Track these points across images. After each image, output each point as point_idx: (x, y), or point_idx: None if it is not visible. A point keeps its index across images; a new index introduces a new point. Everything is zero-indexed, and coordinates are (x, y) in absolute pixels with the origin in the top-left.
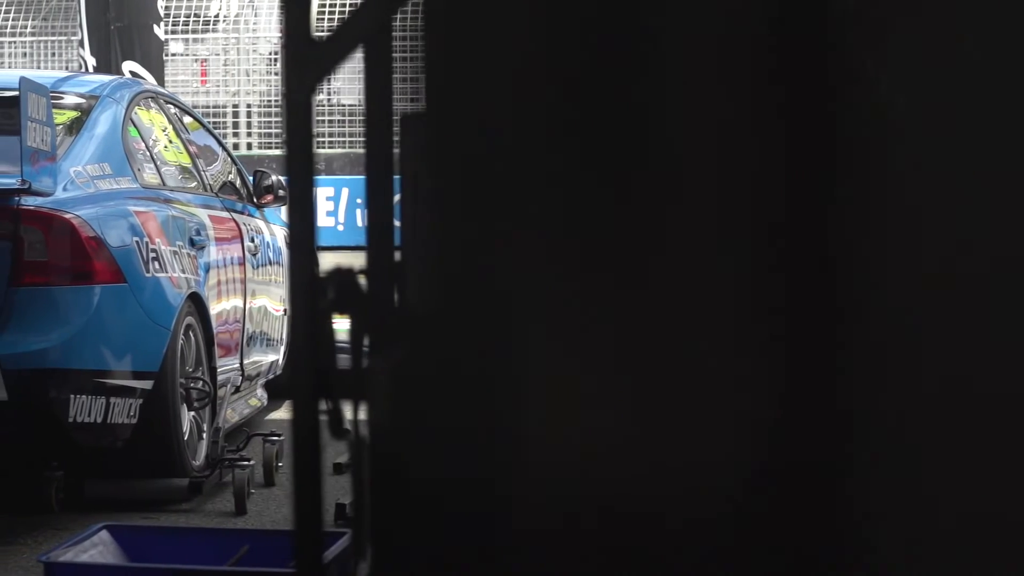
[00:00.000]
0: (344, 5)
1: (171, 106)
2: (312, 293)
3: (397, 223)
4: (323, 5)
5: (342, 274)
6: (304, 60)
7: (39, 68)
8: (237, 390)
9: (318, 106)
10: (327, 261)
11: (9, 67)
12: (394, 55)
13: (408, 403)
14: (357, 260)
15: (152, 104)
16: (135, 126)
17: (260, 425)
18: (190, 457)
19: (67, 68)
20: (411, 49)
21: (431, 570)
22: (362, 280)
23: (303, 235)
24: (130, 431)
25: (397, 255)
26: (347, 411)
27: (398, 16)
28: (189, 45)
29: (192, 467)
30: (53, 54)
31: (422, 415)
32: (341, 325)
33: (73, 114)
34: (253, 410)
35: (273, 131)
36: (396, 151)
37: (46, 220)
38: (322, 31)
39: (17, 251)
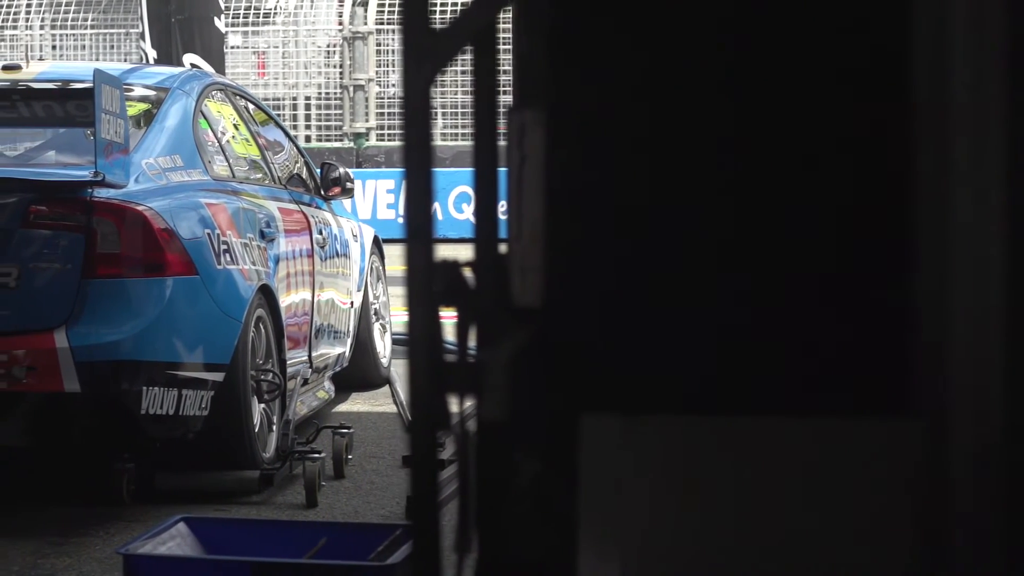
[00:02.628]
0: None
1: (240, 98)
2: (430, 285)
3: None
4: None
5: (448, 267)
6: (422, 51)
7: (98, 60)
8: (305, 382)
9: (378, 98)
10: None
11: (69, 59)
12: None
13: (516, 396)
14: (463, 253)
15: (221, 96)
16: (205, 118)
17: (328, 418)
18: (260, 449)
19: (126, 60)
20: (520, 44)
21: (538, 565)
22: (468, 273)
23: (421, 227)
24: (201, 423)
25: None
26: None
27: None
28: (248, 38)
29: (262, 459)
30: (111, 47)
31: (529, 408)
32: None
33: (144, 106)
34: (321, 402)
35: (333, 123)
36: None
37: (119, 212)
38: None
39: (90, 243)
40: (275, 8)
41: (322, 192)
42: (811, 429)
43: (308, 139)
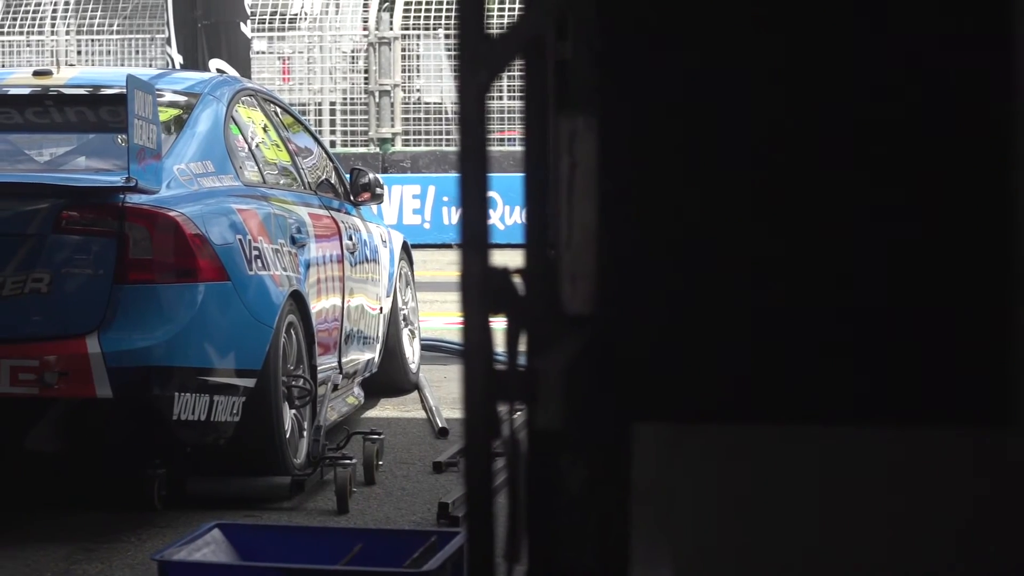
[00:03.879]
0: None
1: (270, 103)
2: (486, 293)
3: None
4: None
5: (496, 274)
6: (478, 57)
7: (123, 66)
8: (336, 388)
9: (404, 103)
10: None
11: (94, 65)
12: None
13: (570, 405)
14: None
15: (252, 101)
16: (236, 124)
17: (358, 423)
18: (291, 455)
19: (151, 65)
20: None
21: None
22: (518, 280)
23: (477, 235)
24: (233, 429)
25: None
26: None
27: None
28: (272, 43)
29: (293, 465)
30: (136, 52)
31: (582, 417)
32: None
33: (174, 112)
34: (351, 408)
35: (358, 129)
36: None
37: (151, 218)
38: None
39: (122, 249)
40: (300, 13)
41: (351, 198)
42: (882, 438)
43: (333, 144)
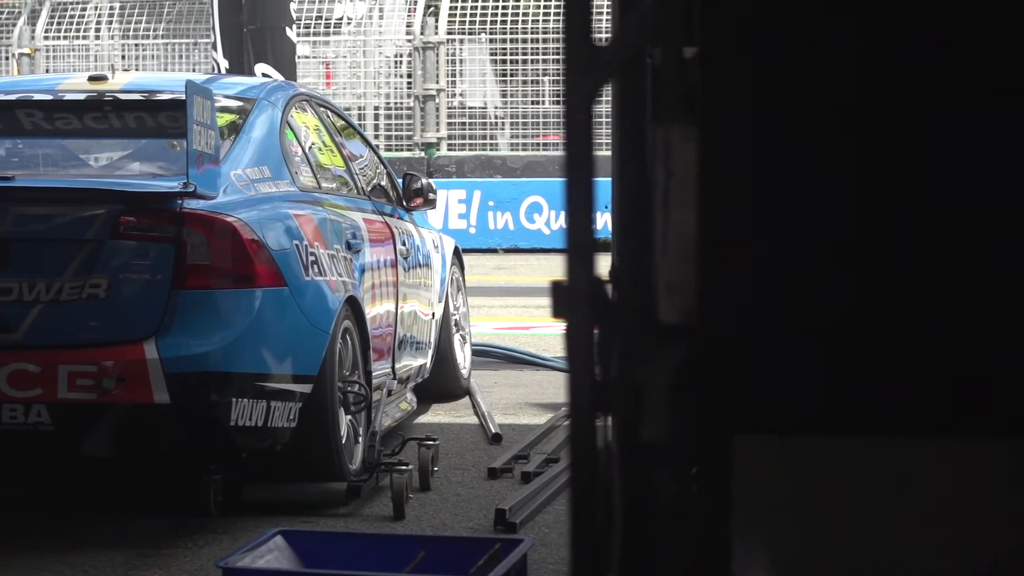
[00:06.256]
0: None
1: (323, 108)
2: (592, 302)
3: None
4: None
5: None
6: (585, 66)
7: (168, 71)
8: (389, 394)
9: (448, 108)
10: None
11: (139, 70)
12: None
13: (672, 417)
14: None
15: (306, 107)
16: (291, 129)
17: (411, 429)
18: (347, 461)
19: (194, 70)
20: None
21: None
22: (609, 289)
23: (582, 243)
24: (289, 434)
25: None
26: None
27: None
28: (315, 47)
29: (349, 471)
30: (180, 57)
31: (682, 429)
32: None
33: (229, 117)
34: (404, 414)
35: (403, 133)
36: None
37: (208, 223)
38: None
39: (180, 254)
40: (343, 18)
41: (404, 203)
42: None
43: (376, 149)
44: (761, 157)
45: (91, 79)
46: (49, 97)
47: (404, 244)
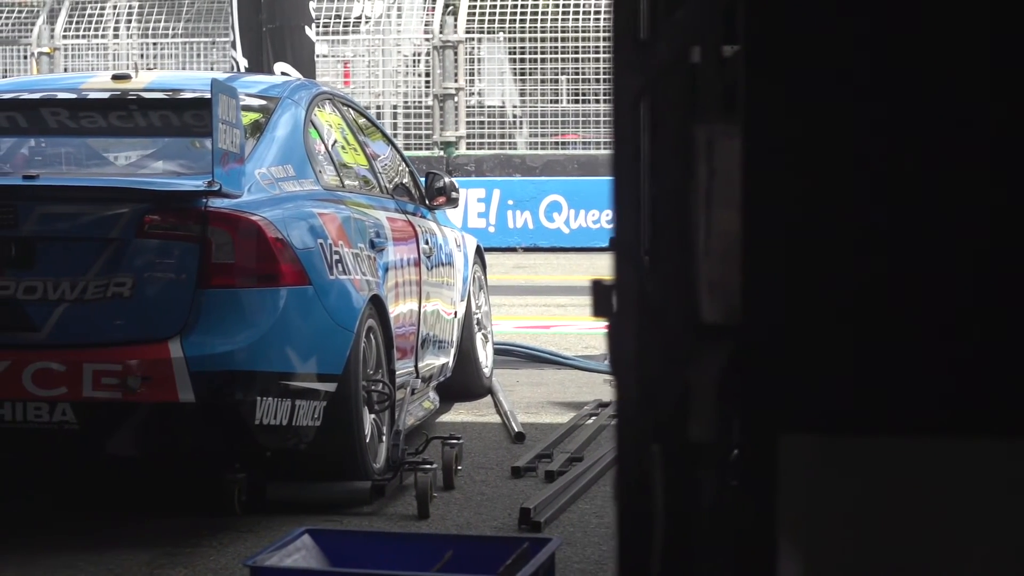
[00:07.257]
0: None
1: (346, 107)
2: (640, 303)
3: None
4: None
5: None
6: (633, 65)
7: (186, 69)
8: (412, 392)
9: (468, 107)
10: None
11: (156, 68)
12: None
13: (719, 417)
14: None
15: (329, 105)
16: (315, 128)
17: (434, 428)
18: (371, 460)
19: (212, 69)
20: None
21: None
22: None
23: (630, 243)
24: (314, 433)
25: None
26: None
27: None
28: (334, 46)
29: (373, 470)
30: (198, 55)
31: (727, 429)
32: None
33: (253, 116)
34: (427, 413)
35: (422, 132)
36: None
37: (233, 222)
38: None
39: (205, 253)
40: (362, 17)
41: (427, 201)
42: None
43: (398, 147)
44: (804, 156)
45: (115, 78)
46: (73, 96)
47: (427, 243)
